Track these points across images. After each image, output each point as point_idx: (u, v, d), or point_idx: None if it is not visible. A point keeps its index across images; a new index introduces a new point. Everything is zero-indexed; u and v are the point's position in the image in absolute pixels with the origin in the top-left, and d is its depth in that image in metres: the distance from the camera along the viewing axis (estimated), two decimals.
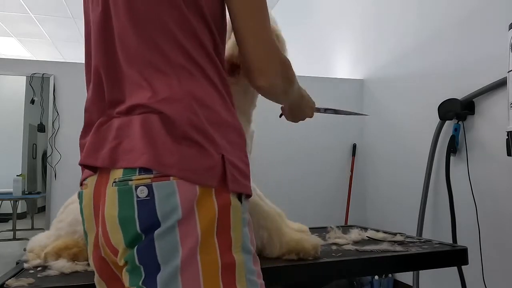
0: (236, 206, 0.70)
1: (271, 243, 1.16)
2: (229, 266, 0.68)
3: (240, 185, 0.72)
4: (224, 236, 0.69)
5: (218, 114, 0.72)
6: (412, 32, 2.83)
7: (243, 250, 0.71)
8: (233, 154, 0.72)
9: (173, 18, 0.72)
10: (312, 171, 3.33)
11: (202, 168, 0.67)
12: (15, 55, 7.34)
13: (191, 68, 0.72)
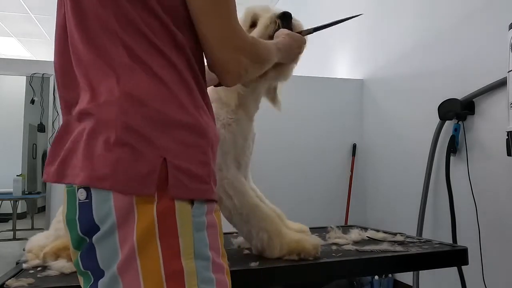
0: (184, 210, 0.66)
1: (271, 245, 1.16)
2: (176, 274, 0.64)
3: (189, 190, 0.67)
4: (168, 241, 0.64)
5: (164, 113, 0.67)
6: (412, 32, 2.83)
7: (196, 256, 0.66)
8: (181, 156, 0.67)
9: (116, 15, 0.69)
10: (312, 171, 3.33)
11: (137, 175, 0.64)
12: (15, 55, 7.34)
13: (135, 66, 0.68)
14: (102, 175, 0.64)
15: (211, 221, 0.70)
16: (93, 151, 0.65)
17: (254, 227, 1.16)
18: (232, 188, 1.17)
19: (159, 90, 0.68)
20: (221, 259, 0.71)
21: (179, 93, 0.70)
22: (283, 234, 1.17)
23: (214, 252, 0.69)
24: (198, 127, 0.70)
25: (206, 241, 0.68)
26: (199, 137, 0.70)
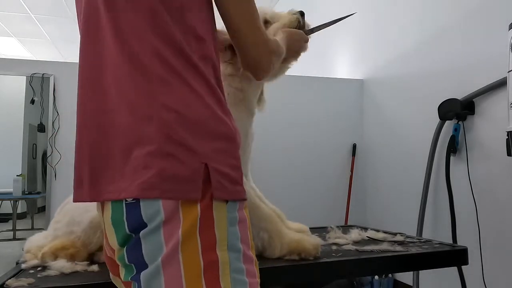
0: (220, 208, 0.73)
1: (271, 244, 1.16)
2: (212, 264, 0.70)
3: (229, 192, 0.74)
4: (207, 234, 0.71)
5: (200, 122, 0.73)
6: (412, 32, 2.83)
7: (229, 248, 0.72)
8: (220, 161, 0.73)
9: (150, 27, 0.74)
10: (312, 171, 3.33)
11: (182, 182, 0.70)
12: (15, 55, 7.34)
13: (170, 78, 0.73)
14: (149, 186, 0.69)
15: (242, 217, 0.77)
16: (138, 165, 0.70)
17: (254, 227, 1.16)
18: None
19: (193, 101, 0.74)
20: (250, 251, 0.77)
21: (210, 101, 0.76)
22: (284, 234, 1.18)
23: (245, 245, 0.76)
24: (229, 133, 0.77)
25: (238, 235, 0.75)
26: (230, 143, 0.77)
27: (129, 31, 0.74)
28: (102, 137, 0.75)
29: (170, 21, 0.74)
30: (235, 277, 0.72)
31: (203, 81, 0.76)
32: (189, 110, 0.72)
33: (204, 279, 0.70)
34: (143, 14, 0.74)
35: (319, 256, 1.17)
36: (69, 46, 6.97)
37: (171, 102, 0.72)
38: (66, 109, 3.04)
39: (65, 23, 5.95)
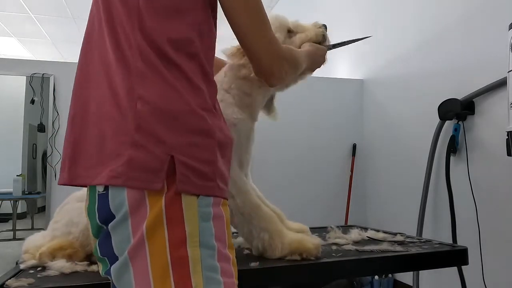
0: (189, 201, 0.71)
1: (272, 245, 1.16)
2: (181, 260, 0.69)
3: (196, 186, 0.72)
4: (175, 229, 0.70)
5: (172, 115, 0.73)
6: (412, 32, 2.83)
7: (201, 245, 0.71)
8: (190, 156, 0.72)
9: (137, 25, 0.77)
10: (312, 171, 3.33)
11: (146, 172, 0.70)
12: (15, 55, 7.34)
13: (148, 71, 0.75)
14: (116, 174, 0.71)
15: (218, 213, 0.75)
16: (111, 153, 0.73)
17: (255, 227, 1.16)
18: (235, 188, 1.16)
19: (171, 96, 0.74)
20: (227, 250, 0.75)
21: (189, 97, 0.75)
22: (284, 234, 1.17)
23: (220, 242, 0.74)
24: (206, 129, 0.76)
25: (212, 231, 0.73)
26: (205, 138, 0.75)
27: (120, 28, 0.78)
28: (86, 123, 0.78)
29: (155, 20, 0.76)
30: (208, 275, 0.70)
31: (185, 79, 0.76)
32: (165, 103, 0.73)
33: (172, 275, 0.68)
34: (131, 12, 0.77)
35: (319, 256, 1.17)
36: (69, 46, 6.97)
37: (148, 95, 0.73)
38: (66, 109, 3.01)
39: (65, 23, 5.95)
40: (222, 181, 0.78)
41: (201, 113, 0.76)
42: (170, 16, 0.77)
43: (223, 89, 1.24)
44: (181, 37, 0.78)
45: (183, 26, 0.78)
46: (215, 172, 0.75)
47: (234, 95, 1.23)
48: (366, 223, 3.22)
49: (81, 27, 6.03)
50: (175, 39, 0.77)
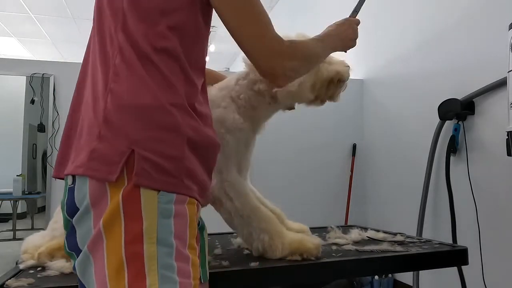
0: (149, 194, 0.70)
1: (272, 246, 1.16)
2: (136, 256, 0.68)
3: (156, 181, 0.71)
4: (132, 224, 0.69)
5: (142, 111, 0.74)
6: (412, 32, 2.83)
7: (158, 242, 0.69)
8: (152, 150, 0.72)
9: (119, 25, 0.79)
10: (312, 171, 3.33)
11: (106, 164, 0.71)
12: (15, 55, 7.33)
13: (123, 68, 0.76)
14: (80, 164, 0.73)
15: (181, 211, 0.73)
16: (83, 144, 0.75)
17: (255, 229, 1.16)
18: (233, 191, 1.17)
19: (141, 91, 0.75)
20: (187, 250, 0.73)
21: (159, 92, 0.75)
22: (284, 235, 1.18)
23: (180, 241, 0.72)
24: (173, 125, 0.74)
25: (171, 229, 0.71)
26: (171, 134, 0.74)
27: (106, 29, 0.81)
28: (76, 121, 0.81)
29: (137, 21, 0.78)
30: (163, 274, 0.68)
31: (159, 76, 0.76)
32: (133, 98, 0.74)
33: (127, 272, 0.67)
34: (116, 14, 0.80)
35: (320, 256, 1.17)
36: (69, 46, 6.97)
37: (118, 90, 0.75)
38: (66, 109, 3.01)
39: (65, 23, 5.95)
40: (191, 179, 0.76)
41: (170, 110, 0.75)
42: (152, 18, 0.78)
43: (229, 97, 1.24)
44: (162, 38, 0.78)
45: (165, 28, 0.78)
46: (179, 169, 0.74)
47: (240, 106, 1.23)
48: (366, 223, 3.22)
49: (81, 27, 6.03)
50: (156, 40, 0.77)
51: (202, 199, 0.82)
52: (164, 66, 0.77)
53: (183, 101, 0.77)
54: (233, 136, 1.19)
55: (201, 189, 0.79)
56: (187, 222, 0.74)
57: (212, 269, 1.08)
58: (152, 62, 0.76)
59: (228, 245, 1.39)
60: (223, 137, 1.17)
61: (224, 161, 1.18)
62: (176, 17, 0.79)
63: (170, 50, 0.78)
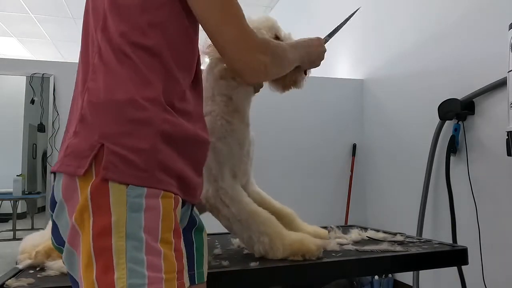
0: (117, 188, 0.70)
1: (273, 247, 1.15)
2: (104, 250, 0.68)
3: (124, 175, 0.70)
4: (100, 218, 0.69)
5: (113, 106, 0.74)
6: (412, 32, 2.83)
7: (127, 236, 0.68)
8: (122, 144, 0.72)
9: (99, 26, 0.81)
10: (312, 171, 3.33)
11: (76, 159, 0.73)
12: (15, 55, 7.34)
13: (101, 65, 0.77)
14: (58, 161, 0.76)
15: (152, 205, 0.72)
16: (63, 142, 0.79)
17: (254, 232, 1.16)
18: (228, 197, 1.17)
19: (113, 86, 0.75)
20: (159, 244, 0.71)
21: (133, 87, 0.75)
22: (284, 236, 1.17)
23: (150, 235, 0.71)
24: (143, 118, 0.74)
25: (141, 223, 0.70)
26: (142, 127, 0.74)
27: (90, 30, 0.83)
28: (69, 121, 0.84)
29: (117, 20, 0.78)
30: (131, 267, 0.68)
31: (135, 72, 0.76)
32: (106, 94, 0.75)
33: (95, 265, 0.67)
34: (98, 14, 0.81)
35: (320, 256, 1.17)
36: (69, 46, 6.97)
37: (93, 87, 0.76)
38: (66, 109, 3.02)
39: (65, 23, 5.95)
40: (166, 173, 0.75)
41: (143, 104, 0.75)
42: (132, 15, 0.78)
43: (208, 98, 1.23)
44: (142, 35, 0.78)
45: (145, 25, 0.78)
46: (150, 162, 0.73)
47: (219, 103, 1.22)
48: (366, 223, 3.22)
49: (81, 27, 6.02)
50: (135, 38, 0.77)
51: (189, 196, 0.82)
52: (142, 63, 0.77)
53: (159, 97, 0.77)
54: (224, 143, 1.19)
55: (183, 184, 0.79)
56: (159, 216, 0.73)
57: (212, 269, 1.08)
58: (130, 59, 0.76)
59: (228, 245, 1.39)
60: (215, 146, 1.17)
61: (218, 169, 1.18)
62: (156, 14, 0.79)
63: (149, 47, 0.78)
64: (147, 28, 0.78)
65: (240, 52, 0.85)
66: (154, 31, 0.79)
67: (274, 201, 1.38)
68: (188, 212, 0.90)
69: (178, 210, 0.78)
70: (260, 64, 0.87)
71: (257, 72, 0.89)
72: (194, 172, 0.83)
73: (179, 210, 0.79)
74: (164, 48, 0.79)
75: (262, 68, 0.88)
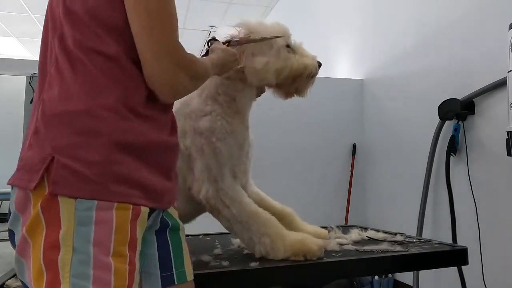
0: (67, 201, 0.70)
1: (274, 248, 1.15)
2: (52, 263, 0.68)
3: (73, 189, 0.70)
4: (51, 232, 0.69)
5: (64, 117, 0.73)
6: (412, 32, 2.83)
7: (74, 250, 0.68)
8: (73, 157, 0.71)
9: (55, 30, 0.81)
10: (312, 171, 3.33)
11: (28, 172, 0.73)
12: (15, 55, 7.34)
13: (56, 75, 0.77)
14: (13, 173, 0.77)
15: (103, 218, 0.71)
16: (20, 154, 0.79)
17: (255, 233, 1.16)
18: (228, 198, 1.17)
19: (65, 96, 0.75)
20: (110, 258, 0.70)
21: (85, 97, 0.74)
22: (285, 236, 1.17)
23: (100, 248, 0.70)
24: (95, 129, 0.73)
25: (90, 236, 0.70)
26: (94, 138, 0.73)
27: (49, 39, 0.83)
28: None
29: (71, 27, 0.78)
30: (75, 282, 0.67)
31: (89, 79, 0.75)
32: (59, 105, 0.74)
33: (45, 278, 0.68)
34: (55, 23, 0.81)
35: (322, 256, 1.17)
36: None
37: (47, 98, 0.76)
38: None
39: None
40: (124, 184, 0.74)
41: (97, 114, 0.73)
42: (86, 22, 0.77)
43: (210, 97, 1.23)
44: (98, 41, 0.77)
45: (100, 31, 0.77)
46: (103, 174, 0.72)
47: (222, 103, 1.22)
48: (366, 223, 3.22)
49: None
50: (91, 44, 0.76)
51: (158, 202, 0.82)
52: (99, 70, 0.76)
53: (116, 104, 0.75)
54: (224, 143, 1.19)
55: (149, 191, 0.78)
56: (111, 228, 0.71)
57: (212, 269, 1.08)
58: (85, 66, 0.75)
59: (228, 245, 1.39)
60: (215, 146, 1.18)
61: (218, 169, 1.18)
62: (111, 19, 0.78)
63: (106, 52, 0.76)
64: (103, 34, 0.77)
65: (164, 71, 0.78)
66: (111, 36, 0.77)
67: (274, 201, 1.38)
68: (159, 217, 0.89)
69: (141, 221, 0.77)
70: (179, 84, 0.81)
71: (175, 92, 0.83)
72: (162, 178, 0.82)
73: (142, 221, 0.78)
74: (122, 53, 0.78)
75: (181, 89, 0.83)
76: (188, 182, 1.23)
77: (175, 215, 0.95)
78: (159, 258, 0.87)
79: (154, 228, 0.89)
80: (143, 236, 0.81)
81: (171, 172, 0.86)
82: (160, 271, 0.87)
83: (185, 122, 1.22)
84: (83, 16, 0.77)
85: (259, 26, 1.24)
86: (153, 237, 0.88)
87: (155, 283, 0.86)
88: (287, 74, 1.25)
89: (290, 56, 1.26)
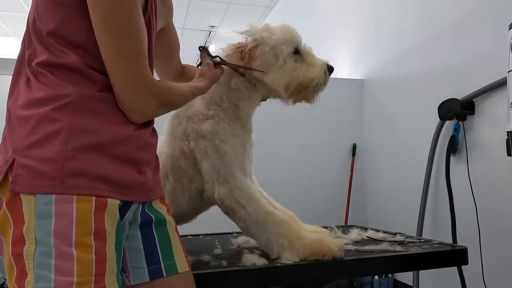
0: (28, 198, 0.74)
1: (293, 248, 1.14)
2: (18, 256, 0.73)
3: (32, 186, 0.74)
4: (16, 227, 0.74)
5: (23, 120, 0.79)
6: (412, 32, 2.83)
7: (37, 242, 0.73)
8: (31, 156, 0.76)
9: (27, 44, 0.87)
10: (312, 171, 3.33)
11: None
12: (15, 55, 7.33)
13: (19, 81, 0.84)
14: None
15: (63, 210, 0.75)
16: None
17: (272, 234, 1.15)
18: (244, 197, 1.15)
19: (26, 101, 0.80)
20: (73, 248, 0.74)
21: (43, 101, 0.78)
22: (303, 237, 1.16)
23: (61, 240, 0.74)
24: (52, 128, 0.77)
25: (50, 229, 0.74)
26: (50, 137, 0.77)
27: (22, 54, 0.88)
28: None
29: (37, 42, 0.83)
30: (38, 272, 0.72)
31: (49, 87, 0.79)
32: (20, 111, 0.80)
33: (15, 271, 0.73)
34: (28, 32, 0.86)
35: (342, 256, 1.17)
36: None
37: (11, 106, 0.83)
38: None
39: None
40: (87, 177, 0.77)
41: (54, 115, 0.78)
42: (46, 38, 0.82)
43: (214, 102, 1.22)
44: (61, 57, 0.81)
45: (58, 40, 0.81)
46: (59, 170, 0.75)
47: (226, 109, 1.23)
48: (366, 223, 3.22)
49: None
50: (54, 60, 0.81)
51: (131, 195, 0.84)
52: (59, 78, 0.80)
53: (74, 103, 0.79)
54: (229, 144, 1.19)
55: (117, 185, 0.81)
56: (72, 220, 0.75)
57: (212, 269, 1.08)
58: (47, 78, 0.80)
59: (228, 245, 1.39)
60: (220, 148, 1.17)
61: (227, 170, 1.17)
62: (74, 38, 0.82)
63: (68, 65, 0.80)
64: (68, 51, 0.81)
65: (133, 96, 0.82)
66: (75, 51, 0.81)
67: (276, 203, 1.37)
68: (139, 210, 0.92)
69: (110, 212, 0.80)
70: (146, 109, 0.85)
71: (142, 116, 0.86)
72: (133, 171, 0.85)
73: (112, 213, 0.80)
74: (83, 64, 0.81)
75: (149, 113, 0.87)
76: (196, 184, 1.23)
77: (161, 210, 0.96)
78: (145, 252, 0.91)
79: (137, 223, 0.91)
80: (130, 232, 0.88)
81: (143, 165, 0.88)
82: (147, 264, 0.90)
83: (187, 124, 1.22)
84: (43, 32, 0.82)
85: (266, 34, 1.21)
86: (137, 231, 0.91)
87: (142, 276, 0.89)
88: (294, 87, 1.25)
89: (296, 67, 1.25)
